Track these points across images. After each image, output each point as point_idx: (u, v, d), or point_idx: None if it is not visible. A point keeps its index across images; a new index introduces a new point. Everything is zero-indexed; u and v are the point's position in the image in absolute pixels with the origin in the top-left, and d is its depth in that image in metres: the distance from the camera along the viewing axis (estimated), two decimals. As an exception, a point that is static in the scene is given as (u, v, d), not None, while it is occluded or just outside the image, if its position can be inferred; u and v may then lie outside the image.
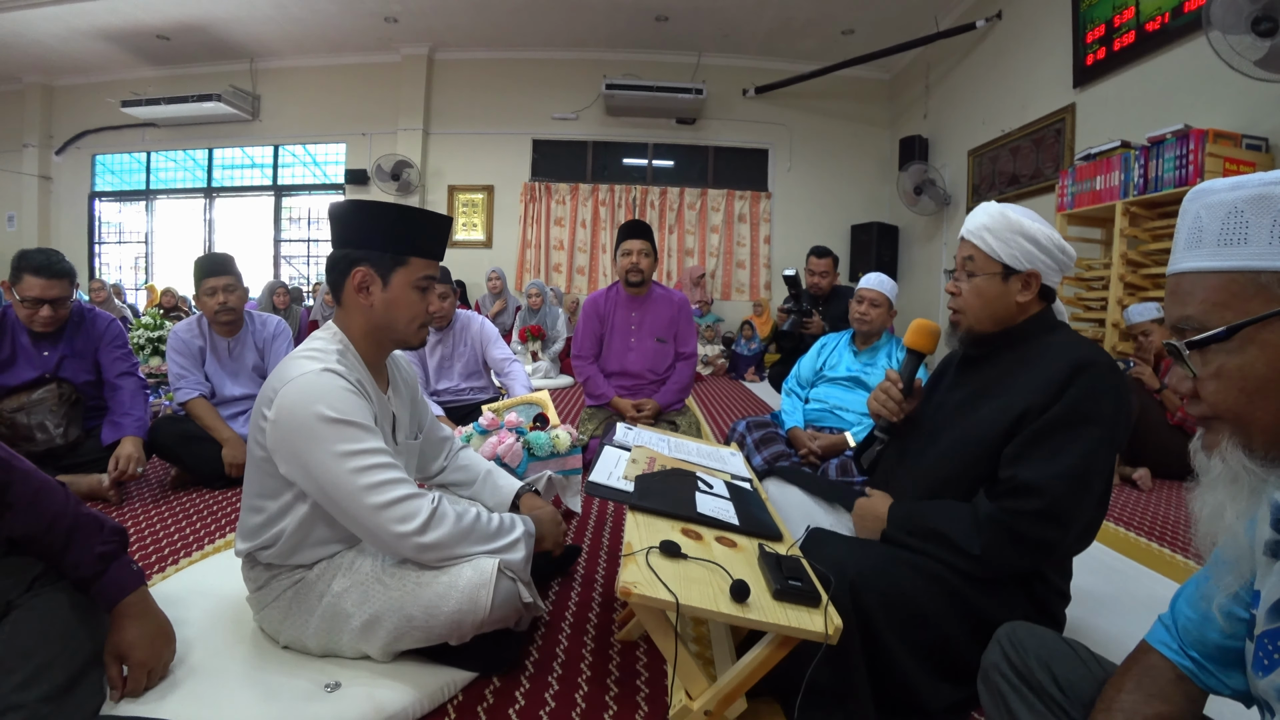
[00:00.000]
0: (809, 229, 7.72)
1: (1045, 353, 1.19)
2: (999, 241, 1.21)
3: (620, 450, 1.48)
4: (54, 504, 1.11)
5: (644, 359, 2.89)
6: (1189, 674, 0.74)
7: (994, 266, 1.23)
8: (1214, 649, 0.72)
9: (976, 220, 1.26)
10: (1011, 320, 1.25)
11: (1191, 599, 0.76)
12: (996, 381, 1.23)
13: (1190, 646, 0.74)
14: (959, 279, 1.29)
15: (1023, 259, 1.21)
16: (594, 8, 6.85)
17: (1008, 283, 1.23)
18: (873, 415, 1.40)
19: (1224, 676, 0.72)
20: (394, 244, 1.26)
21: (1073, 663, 0.85)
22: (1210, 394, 0.60)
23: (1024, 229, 1.20)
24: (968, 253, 1.27)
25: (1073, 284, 4.26)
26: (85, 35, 7.39)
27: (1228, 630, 0.70)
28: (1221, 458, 0.61)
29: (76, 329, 2.42)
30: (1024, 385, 1.16)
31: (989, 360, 1.29)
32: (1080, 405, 1.10)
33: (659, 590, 0.90)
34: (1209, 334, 0.58)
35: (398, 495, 1.15)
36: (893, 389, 1.37)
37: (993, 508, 1.12)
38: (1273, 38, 2.87)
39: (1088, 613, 1.62)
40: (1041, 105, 5.16)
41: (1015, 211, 1.23)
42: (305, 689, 1.16)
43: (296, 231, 8.83)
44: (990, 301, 1.24)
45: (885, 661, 1.07)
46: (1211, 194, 0.61)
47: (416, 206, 1.34)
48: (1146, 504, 2.68)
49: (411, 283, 1.28)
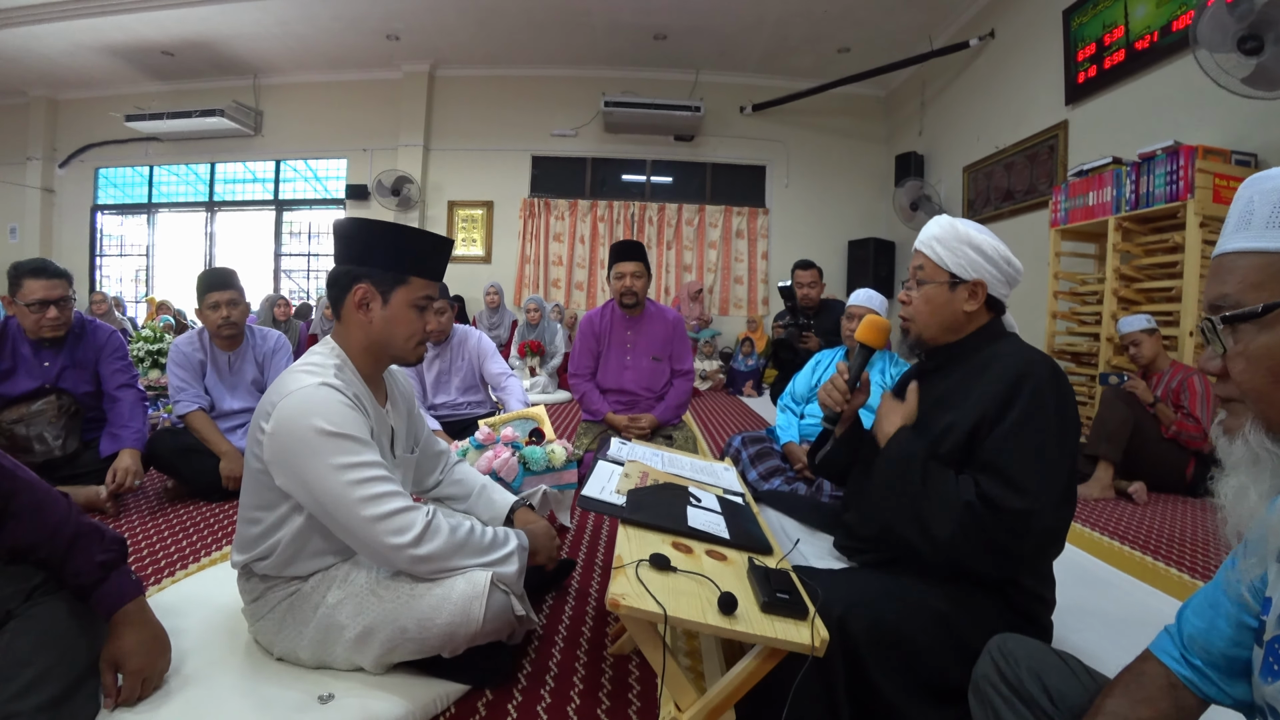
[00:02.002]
0: (806, 245, 7.76)
1: (991, 364, 1.21)
2: (947, 251, 1.26)
3: (613, 464, 1.49)
4: (56, 514, 1.12)
5: (640, 377, 2.91)
6: (1188, 683, 0.74)
7: (942, 275, 1.27)
8: (1219, 657, 0.72)
9: (928, 231, 1.31)
10: (960, 330, 1.29)
11: (1199, 608, 0.76)
12: (949, 395, 1.25)
13: (1194, 654, 0.75)
14: (910, 287, 1.33)
15: (969, 268, 1.25)
16: (593, 26, 6.94)
17: (954, 291, 1.26)
18: (821, 406, 1.42)
19: (1227, 686, 0.72)
20: (396, 263, 1.29)
21: (1064, 674, 0.86)
22: (1238, 372, 0.61)
23: (971, 239, 1.25)
24: (919, 262, 1.32)
25: (1067, 298, 4.30)
26: (91, 50, 7.48)
27: (1236, 637, 0.70)
28: (1244, 439, 0.61)
29: (77, 340, 2.44)
30: (975, 398, 1.18)
31: (941, 373, 1.31)
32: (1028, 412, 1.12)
33: (647, 602, 0.91)
34: (1243, 310, 0.59)
35: (393, 508, 1.16)
36: (839, 379, 1.39)
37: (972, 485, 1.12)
38: (1258, 56, 2.92)
39: (1082, 626, 1.62)
40: (1035, 122, 5.23)
41: (965, 224, 1.27)
42: (299, 700, 1.17)
43: (297, 246, 8.87)
44: (938, 309, 1.28)
45: (873, 693, 1.07)
46: (1267, 180, 0.61)
47: (419, 228, 1.36)
48: (1142, 517, 2.69)
49: (411, 301, 1.30)
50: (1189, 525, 2.61)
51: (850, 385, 1.37)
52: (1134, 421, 2.97)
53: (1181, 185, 3.32)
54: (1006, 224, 5.67)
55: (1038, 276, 4.45)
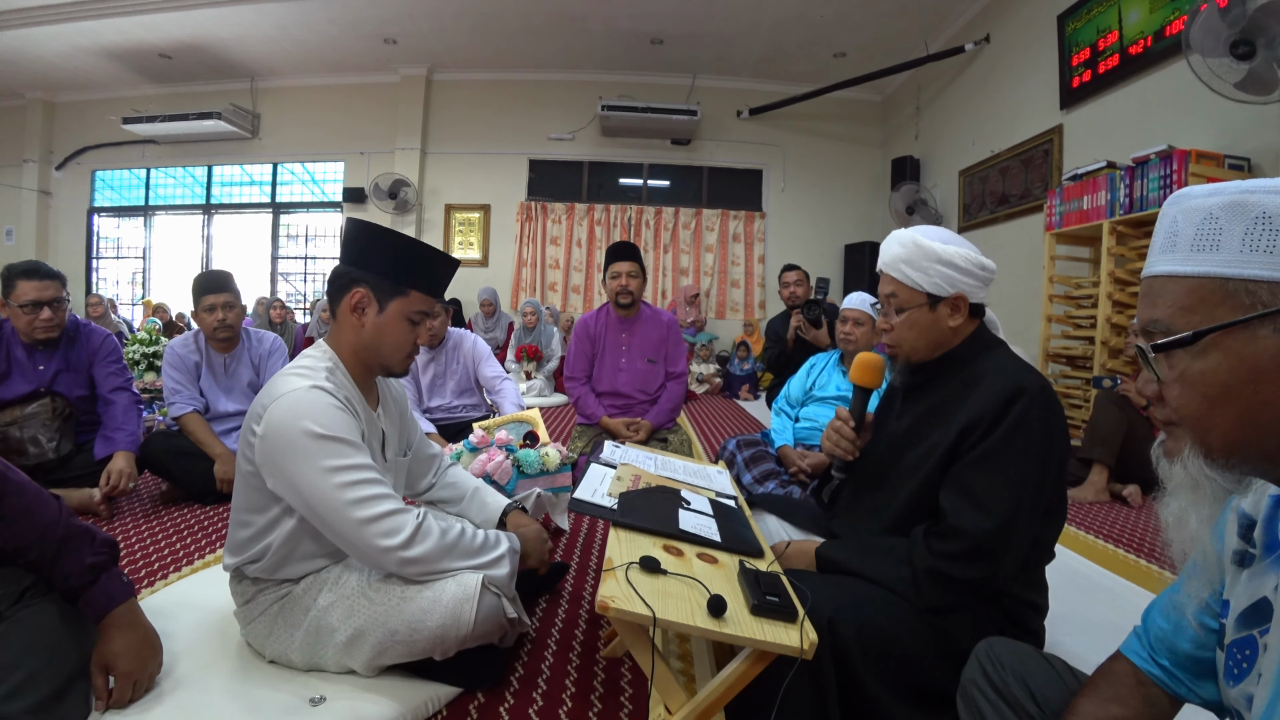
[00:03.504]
0: (803, 248, 7.78)
1: (981, 379, 1.18)
2: (918, 272, 1.21)
3: (606, 467, 1.49)
4: (46, 515, 1.12)
5: (635, 379, 2.91)
6: (1159, 681, 0.75)
7: (919, 298, 1.22)
8: (1185, 658, 0.73)
9: (891, 253, 1.25)
10: (948, 344, 1.25)
11: (1164, 609, 0.77)
12: (940, 409, 1.22)
13: (1161, 655, 0.76)
14: (887, 314, 1.28)
15: (945, 285, 1.20)
16: (590, 31, 6.96)
17: (936, 310, 1.22)
18: (828, 455, 1.38)
19: (1195, 686, 0.73)
20: (398, 273, 1.29)
21: (1049, 677, 0.86)
22: (1174, 398, 0.60)
23: (940, 256, 1.19)
24: (890, 289, 1.26)
25: (1062, 302, 4.31)
26: (88, 53, 7.48)
27: (1201, 639, 0.71)
28: (1183, 465, 0.60)
29: (71, 343, 2.44)
30: (965, 412, 1.16)
31: (932, 386, 1.28)
32: (1011, 437, 1.10)
33: (637, 605, 0.91)
34: (1174, 338, 0.58)
35: (383, 510, 1.16)
36: (845, 428, 1.35)
37: (927, 557, 1.12)
38: (1250, 61, 2.94)
39: (1076, 629, 1.63)
40: (1029, 126, 5.25)
41: (927, 236, 1.22)
42: (290, 703, 1.16)
43: (294, 249, 8.87)
44: (924, 331, 1.23)
45: (863, 696, 1.07)
46: (1189, 199, 0.60)
47: (427, 243, 1.36)
48: (1137, 520, 2.70)
49: (406, 313, 1.31)
50: (1182, 528, 2.61)
51: (856, 430, 1.35)
52: (1128, 424, 2.97)
53: (1175, 189, 3.33)
54: (1001, 228, 5.70)
55: (1032, 280, 4.46)
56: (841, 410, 1.38)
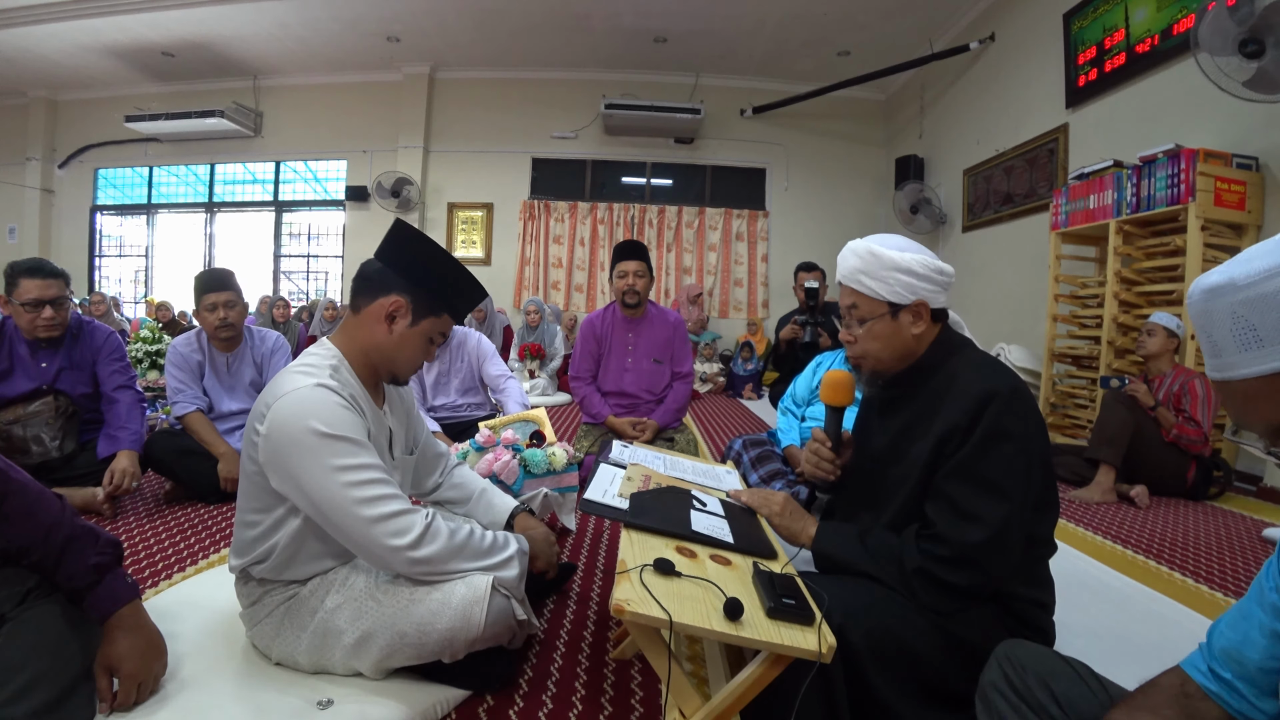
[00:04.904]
0: (806, 247, 7.76)
1: (952, 385, 1.17)
2: (876, 282, 1.20)
3: (615, 468, 1.47)
4: (50, 515, 1.10)
5: (640, 379, 2.90)
6: (1216, 697, 0.73)
7: (880, 308, 1.22)
8: (1254, 670, 0.71)
9: (849, 264, 1.25)
10: (914, 353, 1.24)
11: (1232, 621, 0.75)
12: (916, 422, 1.21)
13: (1225, 668, 0.73)
14: (850, 325, 1.27)
15: (905, 292, 1.19)
16: (593, 29, 6.95)
17: (898, 319, 1.21)
18: (810, 478, 1.37)
19: (1258, 701, 0.71)
20: (441, 294, 1.31)
21: (1072, 681, 0.85)
22: None
23: (897, 264, 1.19)
24: (850, 300, 1.25)
25: (1068, 302, 4.29)
26: (91, 51, 7.48)
27: (1271, 650, 0.69)
28: None
29: (75, 341, 2.43)
30: (940, 423, 1.15)
31: (905, 400, 1.26)
32: (987, 445, 1.09)
33: (652, 608, 0.90)
34: None
35: (391, 510, 1.15)
36: (823, 449, 1.34)
37: (917, 558, 1.11)
38: (1259, 59, 2.92)
39: (1084, 630, 1.62)
40: (1035, 125, 5.23)
41: (883, 245, 1.22)
42: (297, 706, 1.15)
43: (296, 247, 8.87)
44: (888, 341, 1.22)
45: (875, 700, 1.06)
46: (1241, 289, 0.60)
47: (469, 271, 1.36)
48: (1144, 521, 2.68)
49: (431, 333, 1.32)
50: (1191, 529, 2.60)
51: (835, 450, 1.35)
52: (1135, 425, 2.96)
53: (1183, 189, 3.32)
54: (1006, 227, 5.68)
55: (1037, 280, 4.44)
56: (818, 431, 1.38)
